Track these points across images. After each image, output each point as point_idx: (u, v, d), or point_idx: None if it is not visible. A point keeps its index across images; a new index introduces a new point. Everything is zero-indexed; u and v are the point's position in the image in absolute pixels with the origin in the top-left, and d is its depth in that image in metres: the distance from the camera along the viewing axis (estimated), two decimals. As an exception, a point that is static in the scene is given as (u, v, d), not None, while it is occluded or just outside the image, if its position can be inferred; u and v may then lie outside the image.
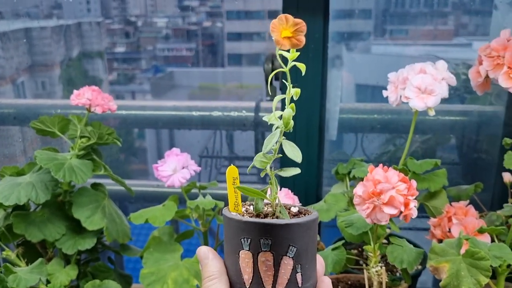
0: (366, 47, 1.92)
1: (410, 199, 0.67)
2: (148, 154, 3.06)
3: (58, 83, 2.38)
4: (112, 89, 4.37)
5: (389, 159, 1.46)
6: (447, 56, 1.76)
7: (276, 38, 0.45)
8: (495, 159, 1.25)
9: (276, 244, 0.43)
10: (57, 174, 0.83)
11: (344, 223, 0.80)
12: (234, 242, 0.45)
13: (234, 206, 0.48)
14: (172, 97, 4.95)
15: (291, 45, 0.45)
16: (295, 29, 0.45)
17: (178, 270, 0.85)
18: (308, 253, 0.46)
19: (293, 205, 0.51)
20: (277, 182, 0.50)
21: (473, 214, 0.90)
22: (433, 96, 0.79)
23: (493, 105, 1.28)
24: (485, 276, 0.71)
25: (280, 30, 0.45)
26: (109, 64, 3.78)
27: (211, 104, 1.30)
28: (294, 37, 0.45)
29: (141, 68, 4.89)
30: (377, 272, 0.77)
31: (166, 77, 5.09)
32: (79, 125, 0.92)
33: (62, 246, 0.89)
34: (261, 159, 0.48)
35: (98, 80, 2.77)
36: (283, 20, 0.45)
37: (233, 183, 0.48)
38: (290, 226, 0.44)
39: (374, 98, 1.90)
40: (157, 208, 0.90)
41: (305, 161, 1.12)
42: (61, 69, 2.41)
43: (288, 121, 0.47)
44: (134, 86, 4.95)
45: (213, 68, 5.01)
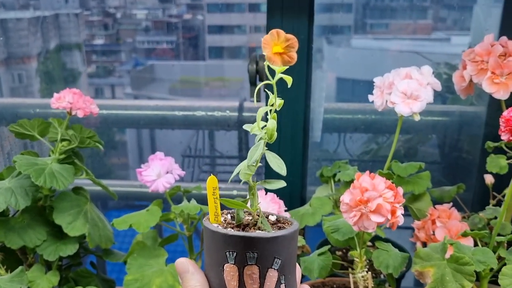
0: (347, 41, 1.93)
1: (397, 207, 0.67)
2: (128, 148, 3.02)
3: (35, 76, 2.34)
4: (91, 82, 4.29)
5: (372, 158, 1.47)
6: (426, 50, 1.77)
7: (268, 55, 0.44)
8: (476, 159, 1.26)
9: (262, 257, 0.43)
10: (37, 180, 0.81)
11: (330, 229, 0.80)
12: (219, 255, 0.44)
13: (215, 217, 0.47)
14: (153, 90, 4.89)
15: (282, 62, 0.45)
16: (287, 44, 0.44)
17: (163, 276, 0.84)
18: (291, 264, 0.46)
19: (271, 213, 0.51)
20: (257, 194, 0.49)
21: (456, 217, 0.91)
22: (419, 101, 0.79)
23: (474, 106, 1.29)
24: (469, 281, 0.72)
25: (271, 46, 0.44)
26: (87, 56, 3.71)
27: (194, 104, 1.29)
28: (285, 53, 0.44)
29: (120, 60, 4.81)
30: (363, 277, 0.77)
31: (146, 70, 5.03)
32: (59, 129, 0.90)
33: (43, 252, 0.87)
34: (245, 171, 0.47)
35: (77, 73, 2.72)
36: (274, 36, 0.44)
37: (213, 193, 0.47)
38: (276, 238, 0.44)
39: (355, 92, 1.91)
40: (141, 213, 0.89)
41: (289, 163, 1.12)
42: (38, 62, 2.36)
43: (273, 133, 0.47)
44: (113, 79, 4.88)
45: (194, 61, 4.96)
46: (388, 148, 1.48)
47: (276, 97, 0.47)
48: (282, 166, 0.47)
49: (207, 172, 2.03)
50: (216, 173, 0.51)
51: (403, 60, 1.67)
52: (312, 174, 1.29)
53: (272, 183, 0.49)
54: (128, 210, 2.19)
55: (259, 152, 0.46)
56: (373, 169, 1.47)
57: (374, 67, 1.68)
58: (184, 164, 1.93)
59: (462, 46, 1.66)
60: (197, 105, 1.29)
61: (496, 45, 0.84)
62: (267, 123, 0.47)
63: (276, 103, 0.48)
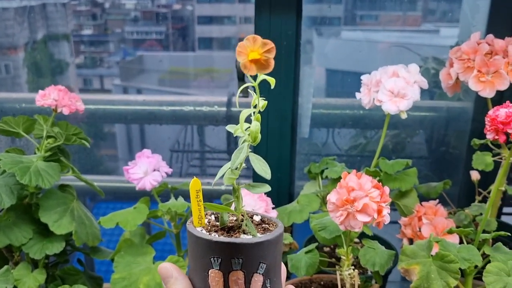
0: (336, 33, 1.93)
1: (383, 206, 0.68)
2: (117, 139, 3.00)
3: (22, 67, 2.31)
4: (79, 72, 4.25)
5: (360, 153, 1.47)
6: (415, 42, 1.77)
7: (243, 62, 0.43)
8: (463, 154, 1.27)
9: (247, 262, 0.43)
10: (22, 179, 0.80)
11: (318, 227, 0.80)
12: (203, 260, 0.44)
13: (198, 220, 0.47)
14: (142, 81, 4.86)
15: (259, 68, 0.43)
16: (264, 50, 0.43)
17: (150, 274, 0.84)
18: (276, 267, 0.46)
19: (255, 212, 0.50)
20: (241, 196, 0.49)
21: (442, 214, 0.92)
22: (406, 100, 0.79)
23: (461, 101, 1.30)
24: (454, 279, 0.73)
25: (247, 52, 0.43)
26: (75, 47, 3.67)
27: (182, 99, 1.28)
28: (262, 59, 0.43)
29: (109, 51, 4.76)
30: (350, 274, 0.78)
31: (135, 61, 4.98)
32: (45, 126, 0.89)
33: (29, 250, 0.86)
34: (229, 175, 0.47)
35: (64, 64, 2.69)
36: (250, 41, 0.43)
37: (196, 196, 0.46)
38: (261, 244, 0.43)
39: (344, 84, 1.92)
40: (128, 211, 0.88)
41: (277, 159, 1.12)
42: (25, 52, 2.33)
43: (256, 135, 0.46)
44: (102, 70, 4.83)
45: (183, 52, 4.92)
46: (376, 143, 1.49)
47: (259, 98, 0.46)
48: (267, 170, 0.47)
49: (196, 166, 2.02)
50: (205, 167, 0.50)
51: (392, 54, 1.67)
52: (300, 169, 1.29)
53: (256, 187, 0.48)
54: (117, 203, 2.18)
55: (242, 156, 0.46)
56: (361, 164, 1.48)
57: (363, 59, 1.68)
58: (172, 158, 1.93)
59: (451, 38, 1.67)
60: (185, 100, 1.28)
61: (482, 43, 0.84)
62: (251, 125, 0.46)
63: (259, 105, 0.46)
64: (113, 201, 1.85)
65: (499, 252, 0.78)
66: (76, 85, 3.81)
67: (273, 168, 1.13)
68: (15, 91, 2.38)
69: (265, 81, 1.07)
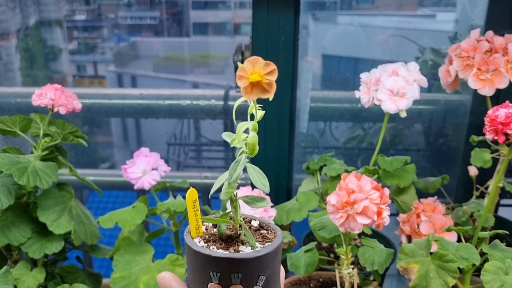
0: (333, 17, 1.91)
1: (383, 208, 0.68)
2: (112, 126, 2.99)
3: (15, 53, 2.28)
4: (73, 59, 4.20)
5: (358, 145, 1.47)
6: (412, 27, 1.77)
7: (244, 86, 0.41)
8: (461, 147, 1.28)
9: (247, 276, 0.43)
10: (20, 180, 0.79)
11: (317, 226, 0.80)
12: (202, 273, 0.43)
13: (196, 230, 0.46)
14: (136, 67, 4.82)
15: (260, 92, 0.41)
16: (266, 72, 0.41)
17: (150, 273, 0.84)
18: (275, 275, 0.45)
19: (253, 217, 0.49)
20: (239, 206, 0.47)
21: (440, 211, 0.92)
22: (405, 99, 0.79)
23: (459, 94, 1.29)
24: (453, 278, 0.73)
25: (248, 75, 0.41)
26: (68, 32, 3.62)
27: (179, 93, 1.27)
28: (263, 82, 0.41)
29: (102, 37, 4.71)
30: (349, 273, 0.78)
31: (129, 46, 4.93)
32: (41, 125, 0.88)
33: (28, 250, 0.86)
34: (227, 190, 0.45)
35: (58, 50, 2.66)
36: (251, 63, 0.41)
37: (193, 206, 0.46)
38: (260, 258, 0.43)
39: (340, 69, 1.91)
40: (127, 210, 0.88)
41: (276, 154, 1.12)
42: (18, 39, 2.30)
43: (254, 147, 0.44)
44: (96, 56, 4.78)
45: (178, 38, 4.88)
46: (374, 135, 1.49)
47: (256, 108, 0.45)
48: (265, 183, 0.45)
49: (193, 158, 2.02)
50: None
51: (389, 41, 1.66)
52: (298, 162, 1.29)
53: (256, 201, 0.47)
54: (112, 191, 2.16)
55: (240, 169, 0.44)
56: (359, 157, 1.48)
57: (359, 44, 1.67)
58: (169, 151, 1.92)
59: (447, 23, 1.66)
60: (183, 93, 1.27)
61: (482, 41, 0.84)
62: (248, 136, 0.44)
63: (257, 116, 0.45)
64: (108, 189, 1.85)
65: (497, 250, 0.79)
66: (70, 72, 3.78)
67: (272, 164, 1.13)
68: (8, 78, 2.35)
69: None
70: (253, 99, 0.42)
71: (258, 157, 1.10)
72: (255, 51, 1.03)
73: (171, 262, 0.86)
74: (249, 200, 0.47)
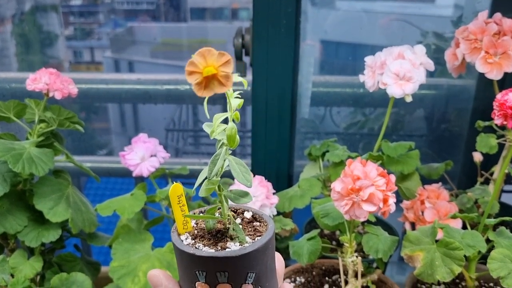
0: (331, 2, 1.88)
1: (389, 195, 0.66)
2: (109, 112, 2.97)
3: (10, 39, 2.26)
4: (69, 44, 4.15)
5: (359, 130, 1.45)
6: (410, 12, 1.74)
7: (196, 81, 0.36)
8: (464, 133, 1.26)
9: (234, 275, 0.40)
10: (15, 167, 0.77)
11: (320, 213, 0.78)
12: (189, 272, 0.41)
13: (183, 226, 0.44)
14: (133, 53, 4.77)
15: (216, 87, 0.37)
16: (221, 63, 0.36)
17: (149, 261, 0.83)
18: (268, 271, 0.43)
19: (246, 208, 0.47)
20: (227, 200, 0.45)
21: (445, 197, 0.91)
22: (411, 83, 0.77)
23: (463, 79, 1.27)
24: (459, 266, 0.72)
25: (200, 70, 0.36)
26: (64, 18, 3.57)
27: (177, 77, 1.24)
28: (219, 74, 0.36)
29: (99, 22, 4.65)
30: (352, 261, 0.77)
31: (126, 32, 4.88)
32: (36, 110, 0.85)
33: (25, 238, 0.84)
34: (207, 186, 0.42)
35: (54, 36, 2.63)
36: (203, 56, 0.36)
37: (178, 202, 0.43)
38: (247, 255, 0.40)
39: (338, 54, 1.88)
40: (125, 198, 0.86)
41: (277, 140, 1.10)
42: (13, 24, 2.27)
43: (233, 138, 0.40)
44: (92, 42, 4.73)
45: (175, 23, 4.82)
46: (376, 121, 1.47)
47: (232, 97, 0.40)
48: (248, 177, 0.42)
49: (192, 145, 2.00)
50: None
51: (390, 30, 1.63)
52: (298, 148, 1.27)
53: (239, 197, 0.44)
54: (110, 177, 2.13)
55: (220, 163, 0.41)
56: (360, 143, 1.46)
57: (358, 30, 1.64)
58: (168, 137, 1.90)
59: (446, 8, 1.63)
60: (181, 78, 1.25)
61: (490, 23, 0.81)
62: (226, 127, 0.40)
63: (232, 105, 0.40)
64: (106, 176, 1.83)
65: (503, 237, 0.77)
66: (66, 58, 3.74)
67: (272, 150, 1.11)
68: (4, 64, 2.32)
69: (264, 59, 1.02)
70: (208, 96, 0.37)
71: (259, 143, 1.08)
72: (256, 34, 1.01)
73: (171, 250, 0.84)
74: (233, 195, 0.44)
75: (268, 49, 1.02)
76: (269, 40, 1.01)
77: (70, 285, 0.83)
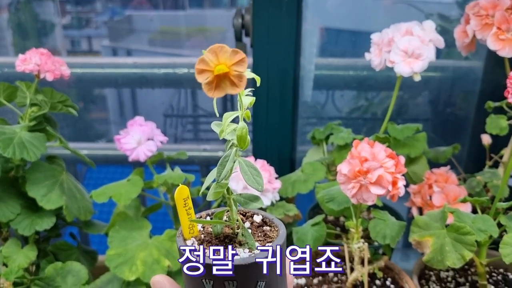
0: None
1: (398, 177, 0.63)
2: (108, 102, 2.93)
3: (7, 28, 2.22)
4: (67, 34, 4.10)
5: (362, 115, 1.42)
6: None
7: (207, 81, 0.33)
8: (471, 116, 1.22)
9: (243, 284, 0.38)
10: (5, 152, 0.74)
11: (325, 198, 0.75)
12: (195, 281, 0.38)
13: (189, 230, 0.41)
14: (132, 42, 4.72)
15: (228, 87, 0.34)
16: (234, 62, 0.33)
17: (147, 249, 0.80)
18: (278, 280, 0.40)
19: (256, 211, 0.44)
20: (236, 204, 0.42)
21: (453, 181, 0.87)
22: (421, 60, 0.73)
23: (469, 60, 1.23)
24: (470, 251, 0.69)
25: (211, 68, 0.33)
26: (61, 6, 3.52)
27: (175, 61, 1.21)
28: (232, 74, 0.33)
29: (96, 11, 4.59)
30: (359, 248, 0.73)
31: (124, 20, 4.81)
32: (28, 93, 0.82)
33: (18, 227, 0.81)
34: (216, 189, 0.40)
35: (51, 25, 2.59)
36: (214, 53, 0.33)
37: (184, 205, 0.40)
38: (256, 263, 0.37)
39: (339, 42, 1.84)
40: (121, 183, 0.83)
41: (278, 124, 1.06)
42: (9, 13, 2.24)
43: (244, 139, 0.38)
44: (90, 30, 4.67)
45: (173, 11, 4.75)
46: (379, 105, 1.43)
47: (243, 95, 0.37)
48: (259, 180, 0.39)
49: (191, 131, 1.96)
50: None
51: (391, 14, 1.59)
52: (300, 133, 1.24)
53: (250, 201, 0.41)
54: (110, 166, 2.11)
55: (229, 165, 0.38)
56: (363, 128, 1.43)
57: (360, 16, 1.60)
58: (166, 123, 1.86)
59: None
60: (178, 62, 1.21)
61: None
62: (237, 126, 0.38)
63: (244, 104, 0.37)
64: (106, 165, 1.80)
65: (516, 221, 0.74)
66: (64, 47, 3.69)
67: (274, 135, 1.07)
68: (1, 55, 2.29)
69: (265, 39, 0.97)
70: (219, 96, 0.34)
71: (260, 127, 1.04)
72: (256, 14, 0.97)
73: (169, 238, 0.81)
74: (243, 199, 0.41)
75: (269, 29, 0.98)
76: (270, 20, 0.97)
77: (65, 275, 0.80)
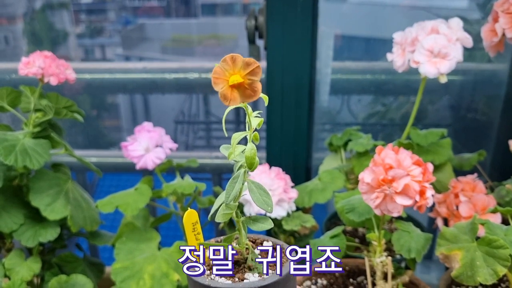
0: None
1: (426, 186, 0.58)
2: (121, 109, 2.92)
3: (22, 37, 2.23)
4: (81, 43, 4.12)
5: (379, 121, 1.37)
6: (423, 5, 1.65)
7: (223, 91, 0.33)
8: (495, 122, 1.16)
9: None
10: (7, 159, 0.70)
11: (345, 208, 0.70)
12: None
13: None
14: (144, 50, 4.74)
15: (243, 96, 0.34)
16: (247, 72, 0.33)
17: (156, 262, 0.75)
18: None
19: (265, 238, 0.43)
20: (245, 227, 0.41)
21: (481, 190, 0.82)
22: (447, 60, 0.68)
23: (492, 63, 1.18)
24: (503, 266, 0.63)
25: (226, 78, 0.33)
26: (75, 16, 3.54)
27: (186, 65, 1.17)
28: (246, 83, 0.33)
29: (110, 20, 4.62)
30: (381, 262, 0.68)
31: (137, 29, 4.85)
32: (32, 98, 0.78)
33: (21, 238, 0.78)
34: (224, 211, 0.39)
35: (65, 34, 2.60)
36: (228, 63, 0.33)
37: (193, 229, 0.40)
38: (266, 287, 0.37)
39: (351, 49, 1.80)
40: (129, 193, 0.79)
41: (294, 130, 1.01)
42: (24, 22, 2.25)
43: (253, 161, 0.38)
44: (103, 39, 4.70)
45: (186, 19, 4.78)
46: (397, 110, 1.38)
47: (252, 116, 0.37)
48: (268, 201, 0.39)
49: (203, 138, 1.92)
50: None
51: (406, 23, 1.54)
52: (315, 140, 1.19)
53: (258, 222, 0.40)
54: (122, 174, 2.07)
55: (238, 186, 0.38)
56: (380, 133, 1.37)
57: (373, 23, 1.56)
58: (177, 130, 1.82)
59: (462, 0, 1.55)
60: (190, 66, 1.17)
61: (535, -8, 0.72)
62: (246, 148, 0.38)
63: (252, 125, 0.37)
64: (118, 173, 1.77)
65: (552, 234, 0.68)
66: (78, 56, 3.70)
67: (289, 141, 1.02)
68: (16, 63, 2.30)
69: (280, 41, 0.93)
70: (234, 105, 0.35)
71: (275, 133, 0.99)
72: (270, 15, 0.93)
73: (179, 250, 0.77)
74: (251, 221, 0.41)
75: (284, 31, 0.94)
76: (284, 21, 0.93)
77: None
